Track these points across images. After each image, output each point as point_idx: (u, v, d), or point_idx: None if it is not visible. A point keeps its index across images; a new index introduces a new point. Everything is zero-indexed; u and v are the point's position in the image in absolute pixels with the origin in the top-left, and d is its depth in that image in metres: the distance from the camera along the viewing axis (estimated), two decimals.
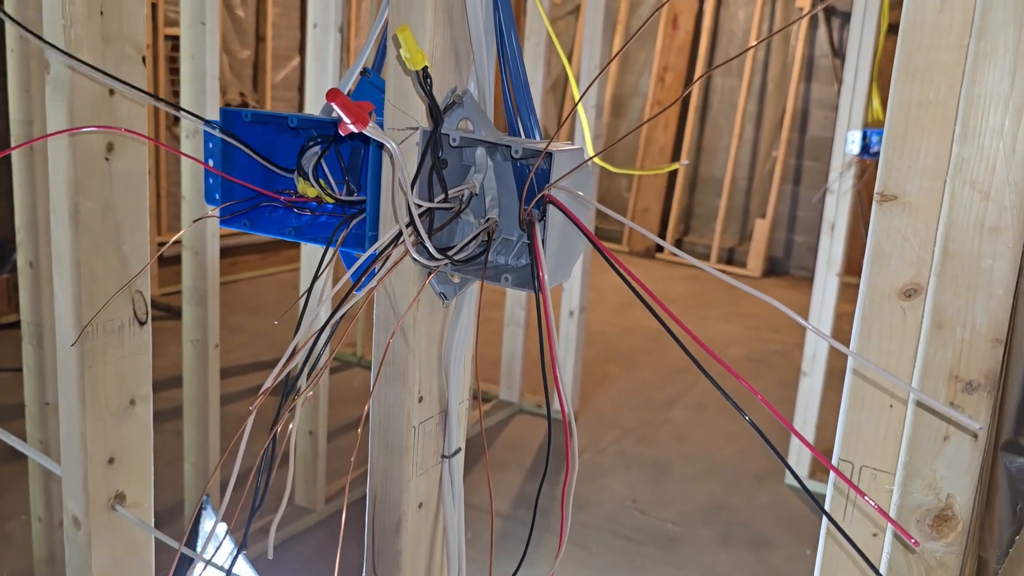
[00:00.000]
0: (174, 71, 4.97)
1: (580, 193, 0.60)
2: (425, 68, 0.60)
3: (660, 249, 6.63)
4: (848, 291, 3.38)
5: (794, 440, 3.20)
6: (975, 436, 0.57)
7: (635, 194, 6.71)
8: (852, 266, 3.58)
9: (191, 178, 2.35)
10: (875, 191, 0.61)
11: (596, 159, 1.18)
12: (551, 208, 0.61)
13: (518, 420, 3.53)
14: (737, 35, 6.42)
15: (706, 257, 6.49)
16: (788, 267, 6.47)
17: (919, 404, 0.58)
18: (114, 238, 0.94)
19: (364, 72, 0.71)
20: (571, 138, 6.68)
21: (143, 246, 0.97)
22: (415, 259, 0.63)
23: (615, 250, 6.69)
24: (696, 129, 6.57)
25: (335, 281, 0.68)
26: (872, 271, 0.63)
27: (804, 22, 6.15)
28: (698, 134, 6.61)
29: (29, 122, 1.82)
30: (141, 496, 1.04)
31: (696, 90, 6.50)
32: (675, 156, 6.63)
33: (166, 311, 4.40)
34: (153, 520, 1.06)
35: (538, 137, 0.67)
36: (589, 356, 4.15)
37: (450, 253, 0.64)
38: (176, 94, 5.00)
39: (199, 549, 0.93)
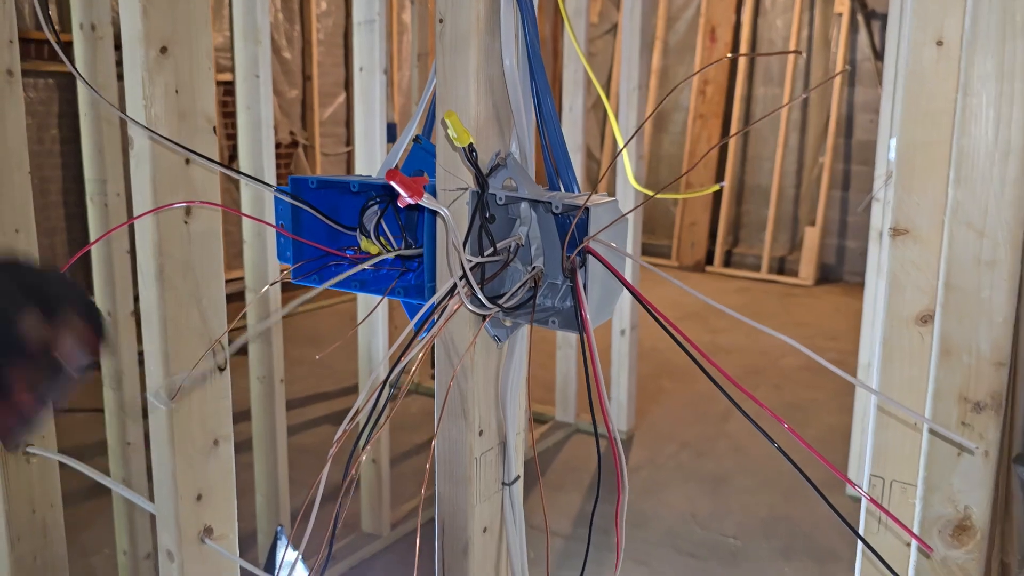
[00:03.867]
0: (227, 114, 5.15)
1: (614, 245, 0.67)
2: (471, 144, 0.67)
3: (710, 262, 6.63)
4: None
5: (853, 451, 3.18)
6: (986, 452, 0.61)
7: (682, 208, 6.73)
8: None
9: (252, 222, 2.46)
10: (889, 225, 0.66)
11: (635, 184, 1.24)
12: (590, 257, 0.67)
13: (575, 440, 3.58)
14: (776, 44, 6.42)
15: (757, 268, 6.46)
16: (841, 273, 6.41)
17: (933, 432, 0.63)
18: (194, 294, 1.03)
19: (416, 139, 0.78)
20: (614, 153, 6.72)
21: (220, 300, 1.06)
22: (469, 308, 0.70)
23: (664, 265, 6.71)
24: (740, 139, 6.57)
25: (392, 325, 0.75)
26: (891, 300, 0.68)
27: (844, 27, 6.13)
28: (742, 144, 6.61)
29: (103, 180, 1.95)
30: (226, 529, 1.13)
31: (737, 100, 6.50)
32: (720, 167, 6.63)
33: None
34: (238, 551, 1.14)
35: (576, 190, 0.74)
36: (643, 372, 4.18)
37: (501, 301, 0.70)
38: (229, 136, 5.19)
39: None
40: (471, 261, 0.69)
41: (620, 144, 0.80)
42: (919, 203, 0.64)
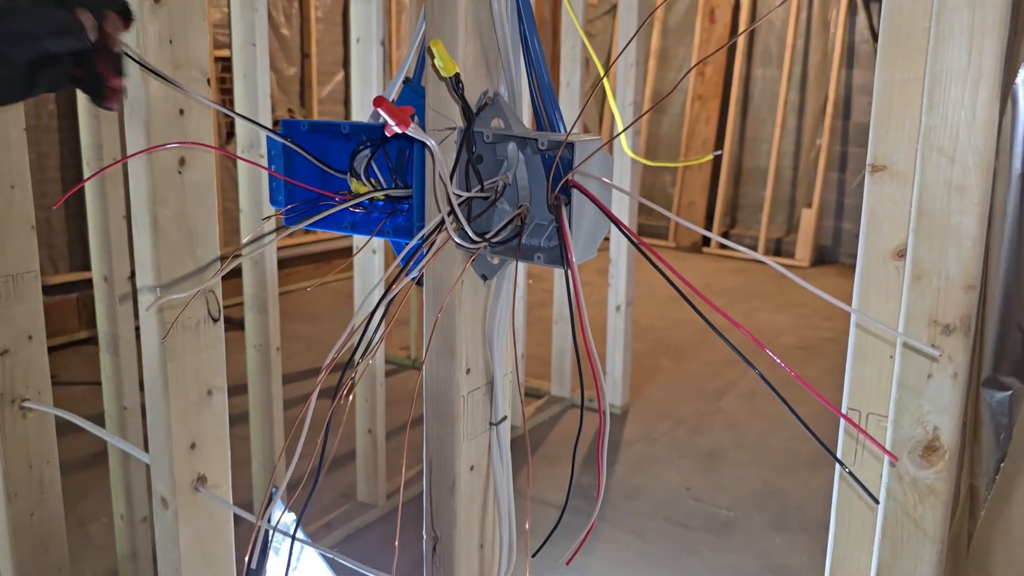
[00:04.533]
0: (224, 91, 5.15)
1: (604, 179, 0.68)
2: (457, 74, 0.68)
3: (707, 243, 6.64)
4: None
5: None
6: (955, 374, 0.63)
7: (679, 188, 6.74)
8: None
9: (248, 192, 2.47)
10: (867, 162, 0.68)
11: (629, 152, 1.25)
12: (575, 192, 0.68)
13: (571, 414, 3.60)
14: (775, 25, 6.41)
15: (753, 249, 6.48)
16: (837, 255, 6.43)
17: (905, 346, 0.65)
18: (188, 243, 1.05)
19: (406, 81, 0.79)
20: (612, 132, 6.72)
21: (213, 250, 1.08)
22: (457, 242, 0.72)
23: (660, 246, 6.73)
24: (738, 121, 6.58)
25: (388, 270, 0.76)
26: (868, 235, 0.69)
27: (843, 9, 6.12)
28: (740, 126, 6.61)
29: (99, 145, 1.95)
30: (220, 478, 1.14)
31: (736, 82, 6.50)
32: (718, 148, 6.64)
33: (227, 322, 4.56)
34: (231, 499, 1.16)
35: (562, 131, 0.75)
36: (639, 350, 4.20)
37: (488, 236, 0.72)
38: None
39: (271, 535, 1.03)
40: (459, 196, 0.70)
41: (608, 94, 0.80)
42: (897, 139, 0.66)
